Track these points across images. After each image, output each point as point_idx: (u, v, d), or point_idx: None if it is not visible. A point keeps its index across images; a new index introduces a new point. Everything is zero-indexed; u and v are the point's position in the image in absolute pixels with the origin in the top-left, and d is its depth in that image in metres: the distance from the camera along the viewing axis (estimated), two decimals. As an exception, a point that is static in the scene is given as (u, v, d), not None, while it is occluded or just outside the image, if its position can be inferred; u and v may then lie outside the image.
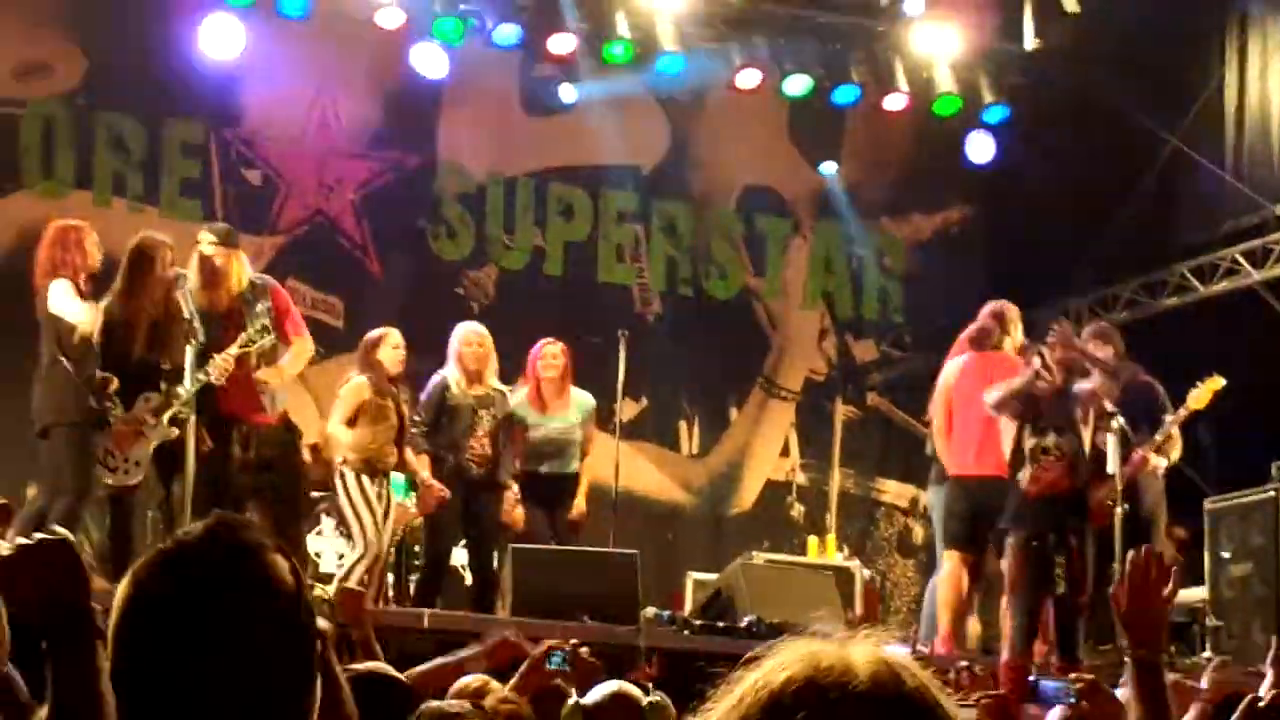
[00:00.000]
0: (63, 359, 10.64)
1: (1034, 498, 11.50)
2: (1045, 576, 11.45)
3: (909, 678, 1.78)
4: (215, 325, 10.83)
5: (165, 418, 10.63)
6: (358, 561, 11.46)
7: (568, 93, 16.11)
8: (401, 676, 5.74)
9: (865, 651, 1.78)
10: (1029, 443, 11.53)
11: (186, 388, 10.55)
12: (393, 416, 11.78)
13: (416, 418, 12.17)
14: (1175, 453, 12.58)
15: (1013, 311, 13.00)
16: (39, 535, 2.90)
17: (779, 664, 1.78)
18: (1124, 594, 4.39)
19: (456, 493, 12.12)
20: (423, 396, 12.32)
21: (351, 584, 10.94)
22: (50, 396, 10.74)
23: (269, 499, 11.29)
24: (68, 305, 10.68)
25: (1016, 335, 12.83)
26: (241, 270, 11.20)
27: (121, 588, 2.48)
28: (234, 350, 10.65)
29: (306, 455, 12.54)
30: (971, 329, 12.97)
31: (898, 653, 1.78)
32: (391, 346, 11.92)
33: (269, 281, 11.49)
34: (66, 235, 11.06)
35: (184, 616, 2.42)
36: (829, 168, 16.99)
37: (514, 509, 12.54)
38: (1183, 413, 12.37)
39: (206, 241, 11.17)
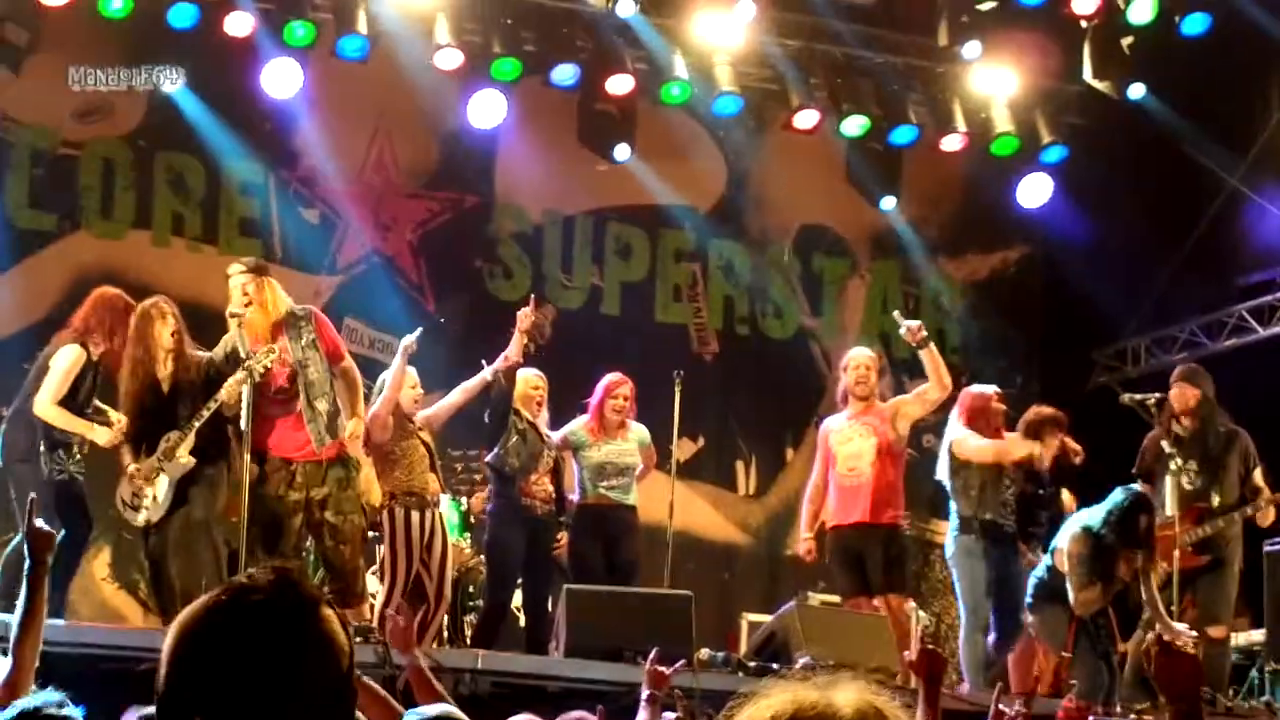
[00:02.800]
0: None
1: None
2: (1097, 634, 11.60)
3: (892, 716, 1.79)
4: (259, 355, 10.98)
5: (181, 451, 10.84)
6: (388, 595, 11.45)
7: None
8: (466, 718, 5.75)
9: (849, 692, 1.79)
10: None
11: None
12: (421, 449, 11.85)
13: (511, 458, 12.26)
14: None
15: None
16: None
17: (766, 704, 1.79)
18: (1155, 659, 4.43)
19: (516, 533, 12.15)
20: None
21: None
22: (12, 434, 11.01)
23: (323, 538, 11.29)
24: (58, 376, 10.90)
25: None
26: (276, 297, 11.27)
27: (180, 623, 2.50)
28: (240, 375, 10.79)
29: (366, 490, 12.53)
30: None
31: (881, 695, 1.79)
32: (410, 386, 11.97)
33: (310, 309, 11.55)
34: (106, 304, 11.23)
35: (244, 666, 2.44)
36: (889, 203, 16.93)
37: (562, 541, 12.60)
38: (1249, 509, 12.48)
39: (237, 273, 11.32)
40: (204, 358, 11.20)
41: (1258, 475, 12.54)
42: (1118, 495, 11.66)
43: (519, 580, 12.46)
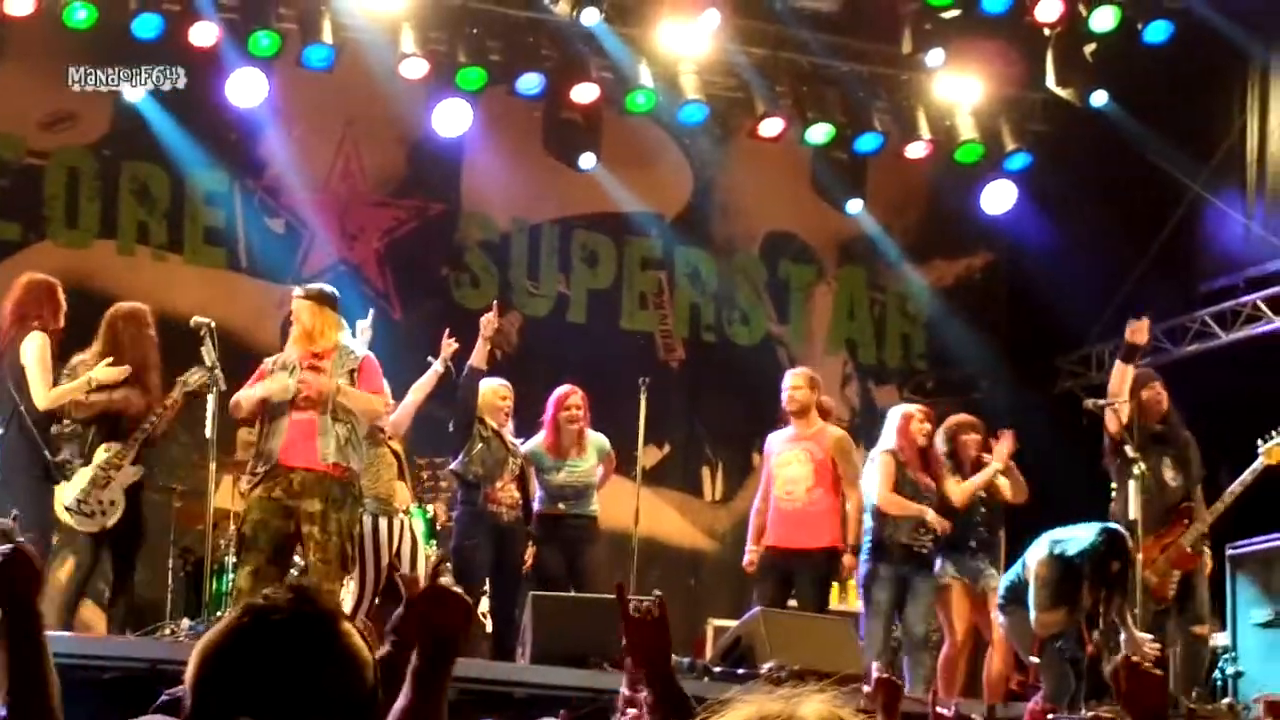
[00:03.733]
0: (23, 412, 10.86)
1: None
2: (1065, 638, 11.62)
3: None
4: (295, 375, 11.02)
5: (124, 462, 10.88)
6: (357, 603, 11.43)
7: None
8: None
9: (813, 704, 1.81)
10: None
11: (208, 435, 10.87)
12: (389, 456, 11.87)
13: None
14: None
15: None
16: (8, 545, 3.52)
17: (732, 716, 1.81)
18: (1123, 680, 4.45)
19: (483, 539, 12.17)
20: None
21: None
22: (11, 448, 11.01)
23: (307, 552, 11.25)
24: (37, 367, 10.91)
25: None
26: (325, 326, 11.18)
27: (204, 645, 2.52)
28: (175, 394, 11.07)
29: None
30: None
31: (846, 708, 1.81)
32: None
33: (366, 351, 11.48)
34: (40, 288, 11.23)
35: (269, 684, 2.47)
36: (855, 206, 16.93)
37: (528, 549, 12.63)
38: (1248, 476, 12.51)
39: (297, 297, 11.34)
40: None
41: (1197, 490, 12.66)
42: (1095, 537, 11.58)
43: (485, 587, 12.48)
